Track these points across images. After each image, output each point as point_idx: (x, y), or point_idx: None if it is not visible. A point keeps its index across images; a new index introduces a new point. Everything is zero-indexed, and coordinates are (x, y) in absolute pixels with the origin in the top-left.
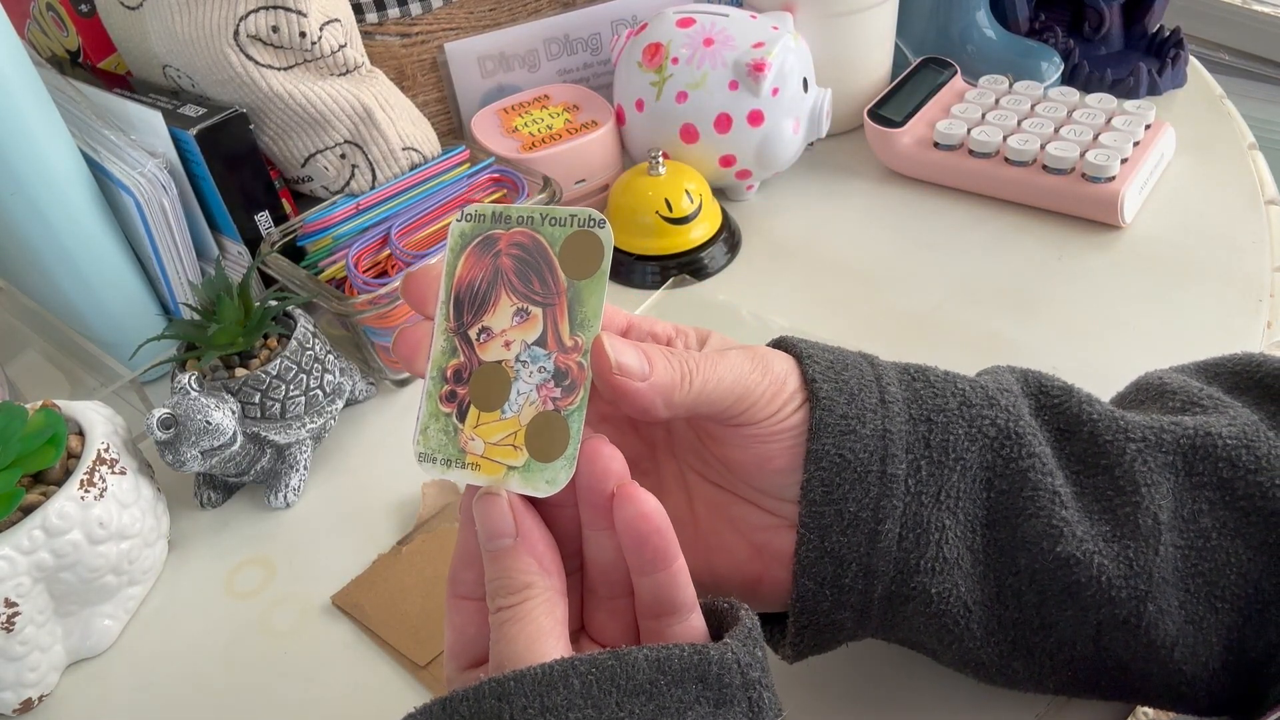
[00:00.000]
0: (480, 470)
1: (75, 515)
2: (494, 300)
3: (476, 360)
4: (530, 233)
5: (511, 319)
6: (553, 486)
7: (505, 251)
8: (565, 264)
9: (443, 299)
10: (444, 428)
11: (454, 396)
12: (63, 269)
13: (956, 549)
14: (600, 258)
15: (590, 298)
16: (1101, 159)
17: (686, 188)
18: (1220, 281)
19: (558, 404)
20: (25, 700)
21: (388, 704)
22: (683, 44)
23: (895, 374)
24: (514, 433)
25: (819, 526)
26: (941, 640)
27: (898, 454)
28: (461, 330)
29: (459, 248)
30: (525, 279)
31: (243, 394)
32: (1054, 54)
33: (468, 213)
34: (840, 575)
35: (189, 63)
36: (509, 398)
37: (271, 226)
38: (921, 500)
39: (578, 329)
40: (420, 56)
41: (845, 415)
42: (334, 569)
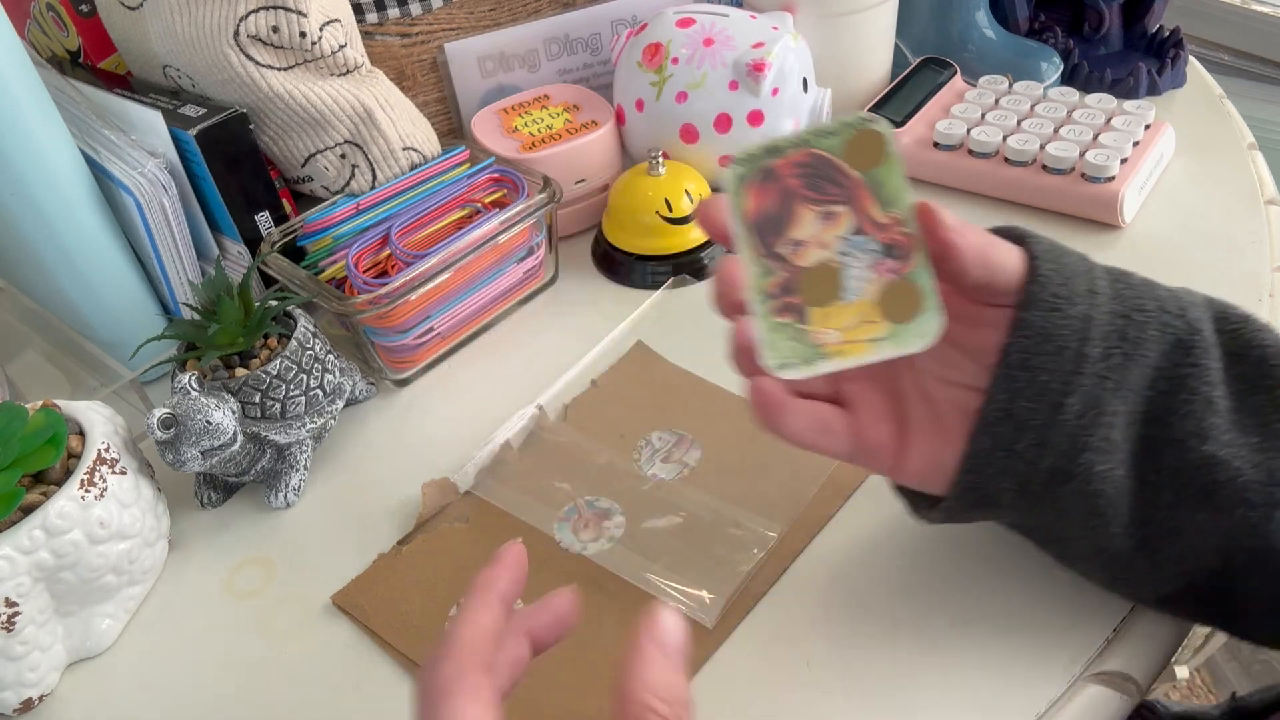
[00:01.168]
0: (846, 353)
1: (75, 515)
2: (792, 216)
3: (797, 269)
4: (808, 150)
5: (816, 224)
6: (926, 338)
7: (788, 175)
8: (852, 163)
9: (740, 235)
10: (790, 335)
11: (788, 307)
12: (63, 269)
13: (1122, 434)
14: (884, 146)
15: (889, 179)
16: (1101, 159)
17: (686, 188)
18: (1220, 281)
19: (898, 271)
20: (25, 700)
21: (388, 704)
22: (683, 44)
23: (1103, 270)
24: (865, 311)
25: (1009, 390)
26: (1086, 524)
27: (1095, 338)
28: (771, 251)
29: (738, 188)
30: (818, 188)
31: (243, 394)
32: (1054, 54)
33: (739, 156)
34: (1015, 439)
35: (189, 63)
36: (845, 285)
37: (272, 226)
38: (1104, 384)
39: (889, 207)
40: (420, 56)
41: (1056, 294)
42: (334, 569)
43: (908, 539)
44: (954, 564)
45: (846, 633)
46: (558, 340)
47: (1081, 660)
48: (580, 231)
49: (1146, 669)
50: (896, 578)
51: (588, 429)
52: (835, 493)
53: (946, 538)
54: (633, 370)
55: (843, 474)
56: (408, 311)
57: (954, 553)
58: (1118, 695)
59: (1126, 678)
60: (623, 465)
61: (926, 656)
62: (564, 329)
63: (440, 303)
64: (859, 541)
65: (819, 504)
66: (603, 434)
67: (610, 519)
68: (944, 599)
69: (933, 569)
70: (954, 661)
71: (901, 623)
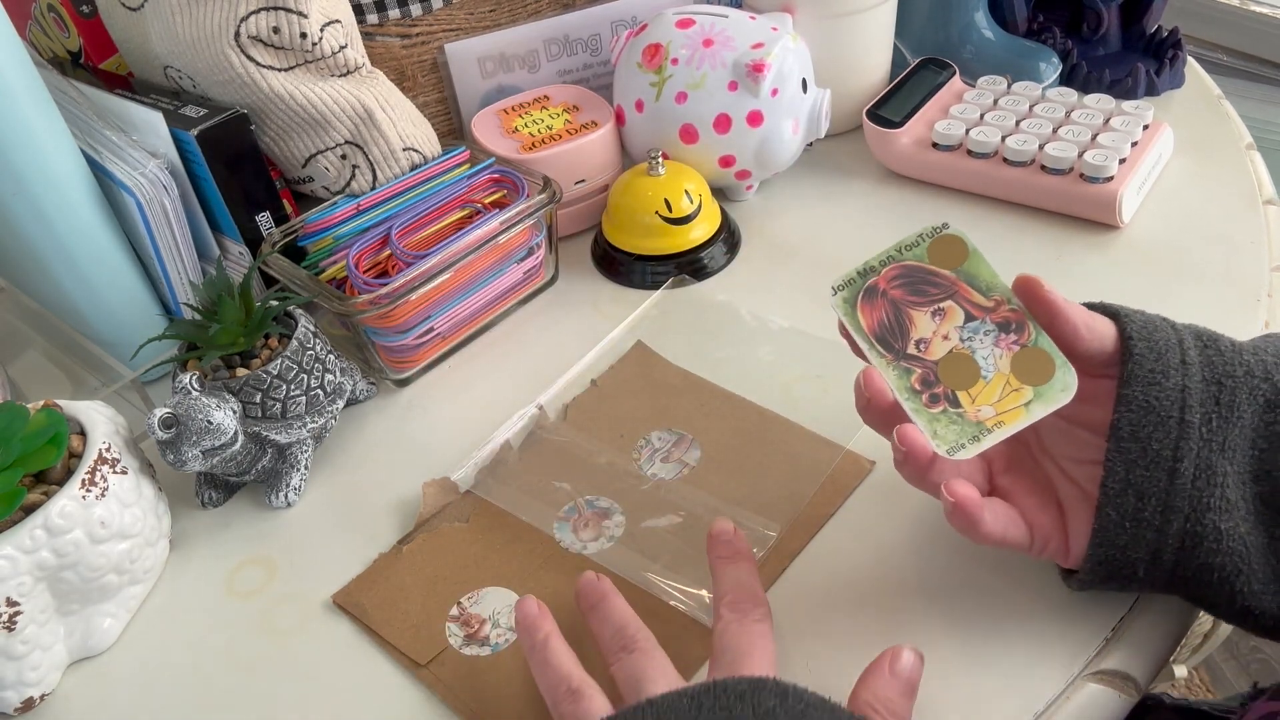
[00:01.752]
0: (1005, 423)
1: (77, 514)
2: (909, 321)
3: (931, 364)
4: (898, 264)
5: (931, 322)
6: (1069, 391)
7: (888, 289)
8: (939, 263)
9: (868, 348)
10: (949, 420)
11: (936, 398)
12: (64, 269)
13: (1236, 493)
14: (965, 246)
15: (979, 269)
16: (1099, 159)
17: (686, 188)
18: (1218, 281)
19: (1020, 342)
20: (27, 699)
21: (388, 704)
22: (682, 45)
23: (1192, 339)
24: (1005, 383)
25: (1125, 461)
26: (1225, 588)
27: (1193, 405)
28: (901, 355)
29: (849, 310)
30: (921, 292)
31: (244, 394)
32: (1052, 55)
33: (837, 284)
34: (1140, 508)
35: (190, 64)
36: (980, 365)
37: (272, 227)
38: (1210, 447)
39: (990, 292)
40: (420, 57)
41: (1152, 370)
42: (335, 568)
43: (907, 539)
44: (953, 564)
45: (846, 633)
46: (558, 340)
47: (1080, 659)
48: (580, 231)
49: (1145, 668)
50: (896, 577)
51: (588, 429)
52: (835, 493)
53: (946, 538)
54: (633, 370)
55: (842, 474)
56: (408, 311)
57: (953, 552)
58: (1116, 694)
59: (1125, 677)
60: (623, 465)
61: (926, 655)
62: (564, 329)
63: (440, 303)
64: (859, 541)
65: (819, 504)
66: (603, 434)
67: (610, 519)
68: (943, 598)
69: (932, 569)
70: (953, 660)
71: (901, 622)
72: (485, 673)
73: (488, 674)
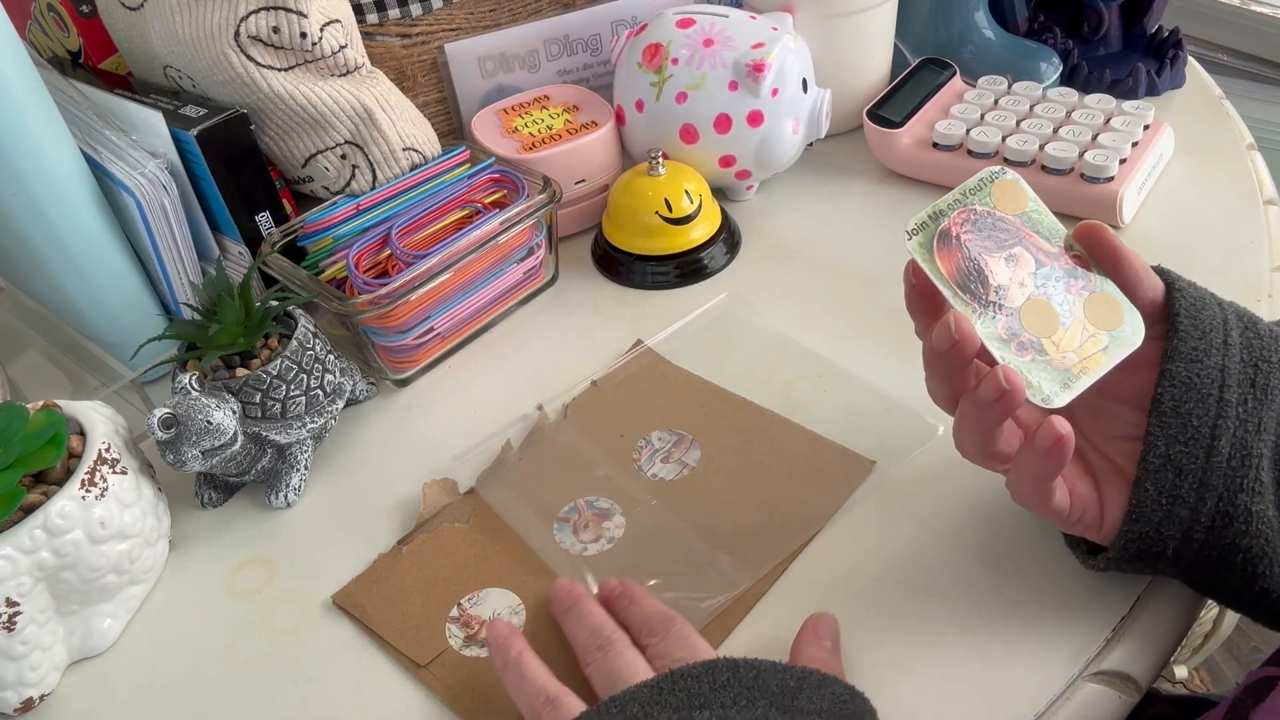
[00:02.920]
0: (1090, 368)
1: (76, 515)
2: (987, 266)
3: (1014, 311)
4: (966, 209)
5: (1007, 268)
6: (1139, 335)
7: (960, 234)
8: (1004, 208)
9: (952, 296)
10: (1041, 368)
11: (1024, 346)
12: (64, 269)
13: (1268, 475)
14: (1023, 191)
15: (1040, 216)
16: (1100, 159)
17: (686, 188)
18: (1219, 281)
19: (1088, 288)
20: (26, 700)
21: (388, 704)
22: (682, 45)
23: (1235, 319)
24: (1083, 328)
25: (1165, 436)
26: (1249, 566)
27: (1231, 385)
28: (985, 302)
29: (926, 255)
30: (992, 238)
31: (243, 394)
32: (1053, 54)
33: (911, 227)
34: (1178, 485)
35: (190, 63)
36: (1059, 312)
37: (272, 227)
38: (1246, 427)
39: (1053, 238)
40: (420, 57)
41: (1195, 348)
42: (334, 568)
43: (907, 539)
44: (953, 563)
45: (846, 632)
46: (558, 340)
47: (1081, 659)
48: (580, 232)
49: (1145, 668)
50: (896, 577)
51: (588, 429)
52: (835, 493)
53: (946, 538)
54: (633, 370)
55: (842, 474)
56: (408, 311)
57: (953, 552)
58: (1117, 695)
59: (1125, 677)
60: (623, 465)
61: (926, 655)
62: (564, 329)
63: (440, 303)
64: (859, 541)
65: (819, 504)
66: (603, 434)
67: (610, 519)
68: (943, 598)
69: (932, 568)
70: (953, 660)
71: (901, 622)
72: (485, 674)
73: (488, 675)
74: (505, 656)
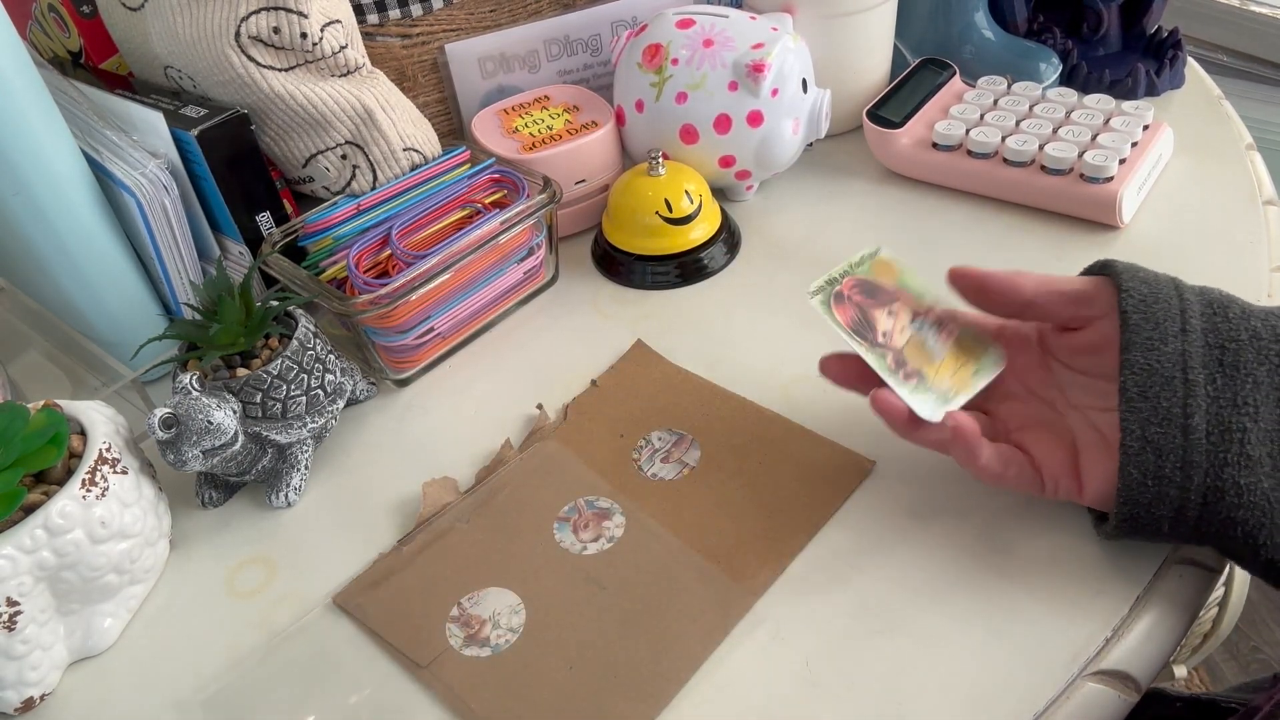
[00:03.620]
0: (961, 389)
1: (77, 514)
2: (872, 319)
3: (899, 348)
4: (853, 278)
5: (889, 319)
6: (1002, 361)
7: (850, 295)
8: (882, 279)
9: (849, 337)
10: (924, 390)
11: (909, 374)
12: (64, 269)
13: (1259, 449)
14: (896, 265)
15: (913, 283)
16: (1099, 160)
17: (686, 188)
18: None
19: (954, 333)
20: (27, 699)
21: (388, 704)
22: (682, 45)
23: (1200, 306)
24: (955, 359)
25: (1139, 420)
26: (1249, 539)
27: (1195, 367)
28: (875, 343)
29: (827, 310)
30: (875, 297)
31: (244, 394)
32: (1052, 55)
33: (813, 290)
34: (1161, 465)
35: (190, 64)
36: (934, 350)
37: (272, 227)
38: (1220, 404)
39: (922, 299)
40: (421, 57)
41: (1150, 336)
42: (335, 568)
43: (907, 539)
44: (953, 563)
45: (846, 632)
46: (558, 340)
47: (1080, 659)
48: (580, 232)
49: (1145, 668)
50: (896, 577)
51: (588, 429)
52: (835, 493)
53: (946, 538)
54: (633, 370)
55: (842, 474)
56: (408, 312)
57: (954, 552)
58: (1116, 694)
59: (1125, 677)
60: (623, 465)
61: (926, 655)
62: (564, 329)
63: (440, 303)
64: (859, 541)
65: (819, 504)
66: (603, 434)
67: (610, 519)
68: (943, 598)
69: (932, 568)
70: (953, 660)
71: (900, 622)
72: (485, 674)
73: (488, 675)
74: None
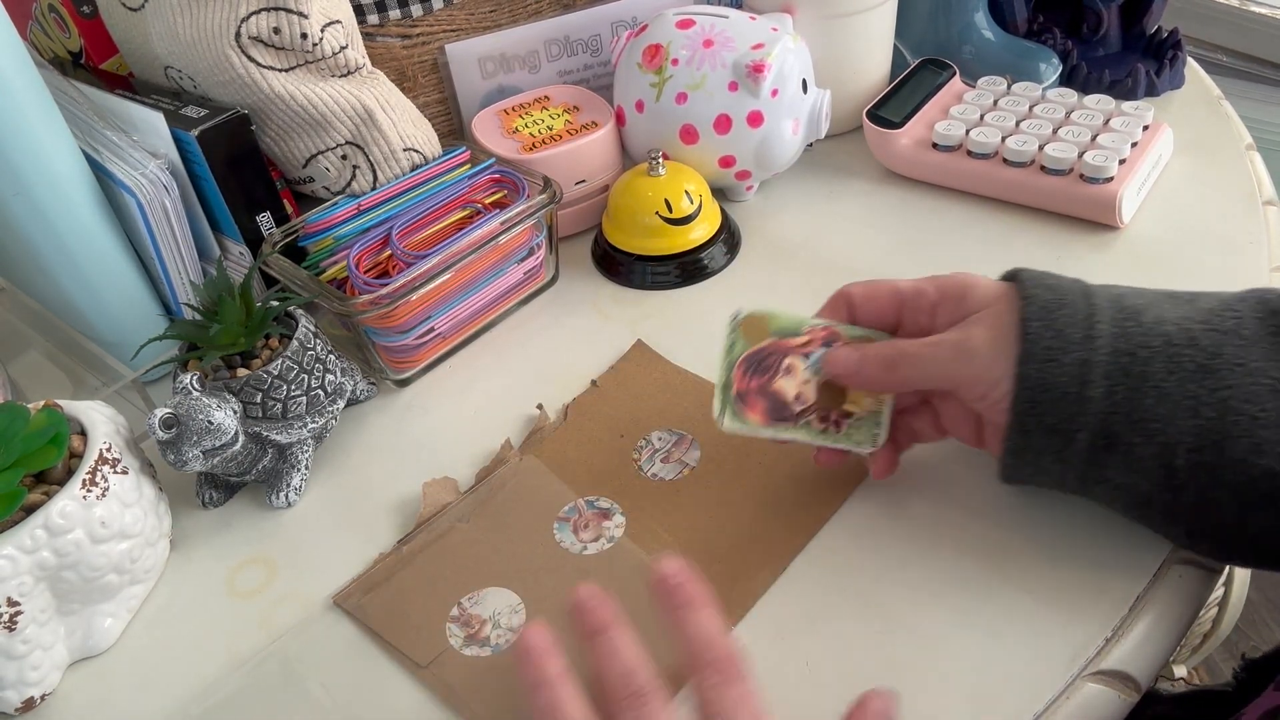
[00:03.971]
0: (884, 401)
1: (77, 514)
2: (779, 393)
3: (815, 405)
4: (737, 367)
5: (790, 380)
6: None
7: (747, 387)
8: (756, 340)
9: (773, 434)
10: (857, 426)
11: (837, 423)
12: (65, 269)
13: (1145, 463)
14: (760, 316)
15: (782, 322)
16: (1099, 160)
17: (686, 188)
18: (1218, 282)
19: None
20: (27, 699)
21: (388, 704)
22: (682, 45)
23: (1111, 311)
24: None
25: (1023, 430)
26: (1128, 513)
27: (1095, 380)
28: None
29: (739, 423)
30: (764, 371)
31: (244, 394)
32: (1052, 55)
33: (716, 414)
34: (1040, 461)
35: (191, 64)
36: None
37: (273, 227)
38: (1113, 419)
39: (799, 331)
40: (421, 58)
41: (1049, 347)
42: (335, 568)
43: (907, 539)
44: (953, 563)
45: (846, 632)
46: (558, 340)
47: (1080, 659)
48: (580, 232)
49: (1145, 668)
50: (896, 577)
51: (588, 429)
52: (835, 493)
53: (946, 538)
54: (633, 370)
55: (842, 474)
56: (408, 312)
57: (953, 552)
58: (1116, 694)
59: (1125, 677)
60: (623, 465)
61: (925, 655)
62: (564, 329)
63: (441, 303)
64: (859, 541)
65: (819, 504)
66: (603, 434)
67: (610, 519)
68: (943, 598)
69: (932, 568)
70: (953, 660)
71: (900, 622)
72: (486, 673)
73: (488, 675)
74: (540, 674)
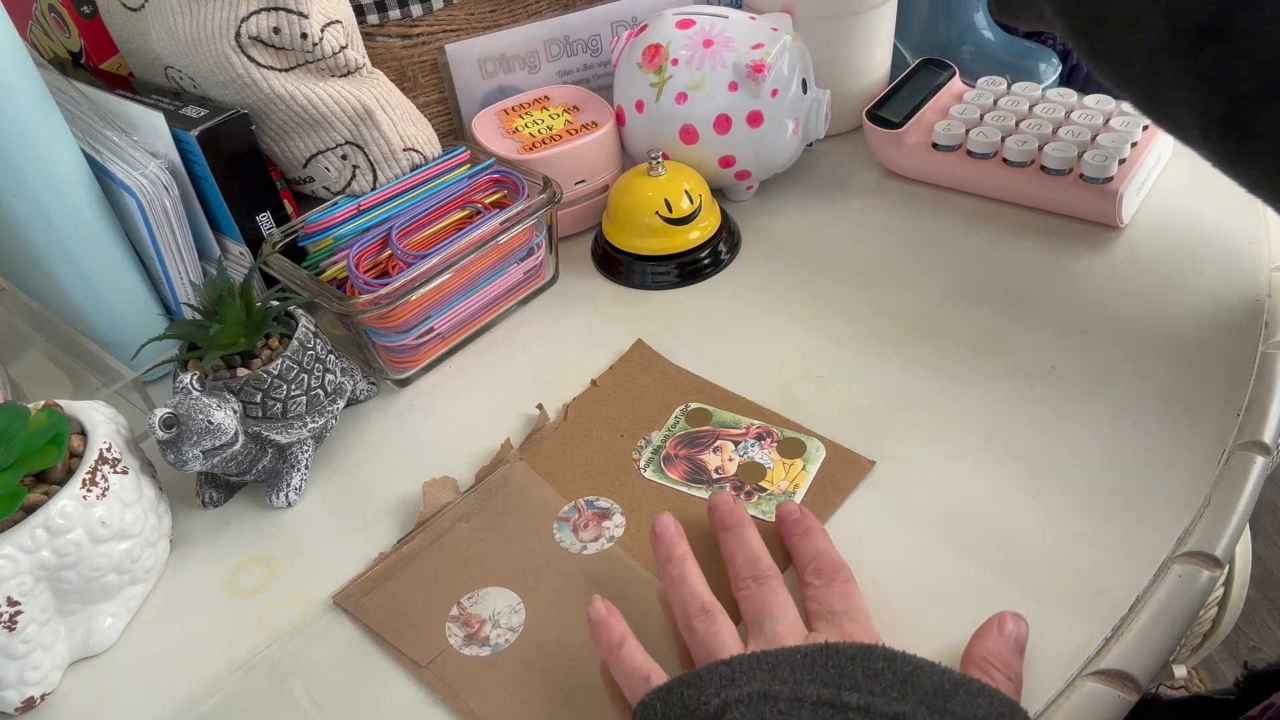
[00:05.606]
0: (799, 484)
1: (77, 514)
2: (702, 463)
3: (733, 477)
4: (673, 437)
5: (716, 456)
6: (822, 451)
7: (675, 453)
8: (697, 426)
9: (686, 488)
10: (768, 499)
11: (750, 493)
12: (65, 269)
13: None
14: (705, 410)
15: (724, 416)
16: (1099, 160)
17: (686, 188)
18: (1218, 281)
19: (775, 440)
20: (27, 699)
21: (388, 704)
22: (682, 45)
23: None
24: (783, 464)
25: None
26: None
27: None
28: (711, 482)
29: (661, 474)
30: (696, 445)
31: (244, 394)
32: (1052, 55)
33: (641, 464)
34: None
35: (191, 64)
36: (763, 464)
37: (273, 227)
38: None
39: (737, 426)
40: (421, 58)
41: None
42: (335, 568)
43: (907, 539)
44: (953, 564)
45: None
46: (558, 340)
47: (1080, 659)
48: (580, 232)
49: (1145, 668)
50: (896, 577)
51: (588, 429)
52: (835, 493)
53: (946, 538)
54: (633, 370)
55: (842, 474)
56: (408, 312)
57: (954, 552)
58: (1116, 694)
59: (1125, 677)
60: (623, 465)
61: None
62: (564, 329)
63: (441, 303)
64: (859, 541)
65: (819, 504)
66: (603, 434)
67: (610, 519)
68: (943, 598)
69: (932, 568)
70: (953, 660)
71: (900, 621)
72: (485, 673)
73: (488, 674)
74: (670, 551)
